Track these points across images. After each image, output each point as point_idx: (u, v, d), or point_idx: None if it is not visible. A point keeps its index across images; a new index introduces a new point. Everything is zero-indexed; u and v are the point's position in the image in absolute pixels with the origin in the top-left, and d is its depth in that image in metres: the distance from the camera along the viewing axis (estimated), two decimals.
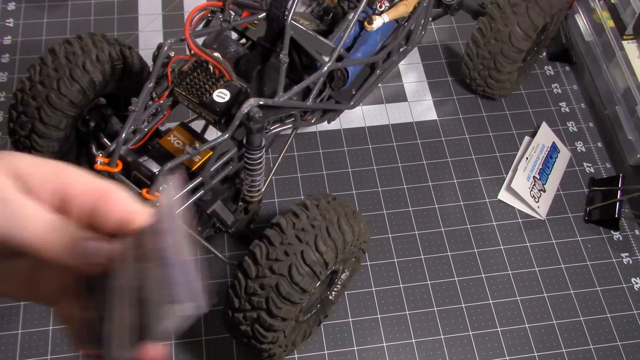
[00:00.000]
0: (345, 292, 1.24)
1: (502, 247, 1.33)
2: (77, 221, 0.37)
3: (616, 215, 1.35)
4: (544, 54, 1.63)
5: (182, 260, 0.37)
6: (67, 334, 0.40)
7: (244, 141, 1.00)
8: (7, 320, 1.17)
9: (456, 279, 1.28)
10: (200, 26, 1.10)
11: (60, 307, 0.40)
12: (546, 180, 1.41)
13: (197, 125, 1.22)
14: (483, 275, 1.29)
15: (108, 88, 1.16)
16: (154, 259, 0.37)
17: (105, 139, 1.14)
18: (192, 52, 0.99)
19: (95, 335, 0.38)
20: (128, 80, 1.19)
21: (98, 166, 0.97)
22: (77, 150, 1.21)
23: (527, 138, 1.48)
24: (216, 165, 1.01)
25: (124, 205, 0.38)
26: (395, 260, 1.29)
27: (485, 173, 1.43)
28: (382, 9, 1.20)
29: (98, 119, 1.16)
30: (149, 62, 1.15)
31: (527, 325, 1.24)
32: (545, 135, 1.47)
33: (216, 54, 1.00)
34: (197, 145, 1.01)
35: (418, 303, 1.25)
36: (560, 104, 1.56)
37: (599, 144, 1.50)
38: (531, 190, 1.38)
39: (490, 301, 1.26)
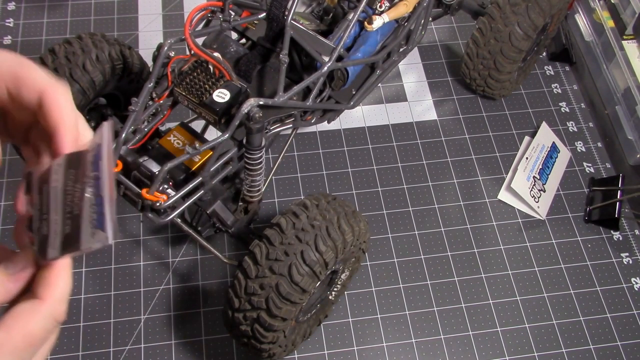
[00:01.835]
0: (345, 292, 1.24)
1: (502, 247, 1.33)
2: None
3: (616, 215, 1.35)
4: (544, 54, 1.63)
5: (112, 194, 0.45)
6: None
7: (244, 141, 1.00)
8: None
9: (456, 279, 1.28)
10: (200, 26, 1.10)
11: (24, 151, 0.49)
12: (546, 180, 1.41)
13: (197, 125, 1.22)
14: (483, 275, 1.29)
15: (108, 88, 1.16)
16: (90, 181, 0.44)
17: None
18: (192, 52, 0.99)
19: (33, 227, 0.45)
20: (128, 80, 1.19)
21: None
22: None
23: (527, 138, 1.48)
24: (216, 165, 1.01)
25: (33, 83, 0.45)
26: (395, 260, 1.29)
27: (485, 173, 1.43)
28: (382, 9, 1.20)
29: (98, 119, 1.16)
30: (149, 62, 1.15)
31: (527, 325, 1.24)
32: (545, 135, 1.47)
33: (216, 54, 1.00)
34: (197, 145, 1.01)
35: (418, 303, 1.25)
36: (560, 104, 1.56)
37: (599, 144, 1.50)
38: (531, 190, 1.38)
39: (490, 301, 1.26)
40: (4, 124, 0.48)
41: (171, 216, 0.99)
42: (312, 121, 1.19)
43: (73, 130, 0.47)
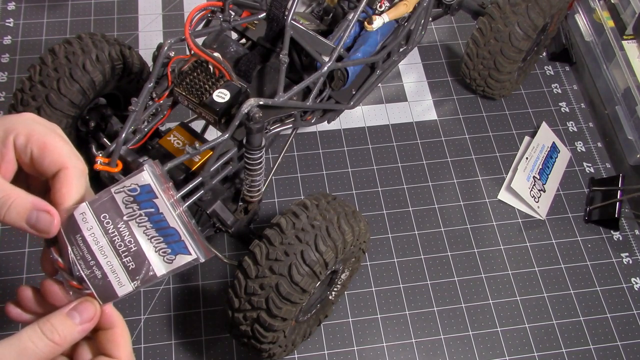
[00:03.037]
0: (345, 292, 1.24)
1: (502, 247, 1.33)
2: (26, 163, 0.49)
3: (616, 215, 1.35)
4: (544, 54, 1.63)
5: (187, 222, 0.49)
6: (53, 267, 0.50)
7: (244, 141, 1.00)
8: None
9: (456, 279, 1.28)
10: (200, 26, 1.10)
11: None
12: (546, 180, 1.41)
13: (197, 125, 1.22)
14: (483, 275, 1.29)
15: (108, 88, 1.16)
16: (143, 218, 0.48)
17: (105, 139, 1.14)
18: (192, 52, 0.99)
19: (78, 275, 0.48)
20: (128, 80, 1.19)
21: (98, 166, 0.97)
22: (77, 150, 1.21)
23: (527, 138, 1.48)
24: (216, 165, 1.01)
25: (57, 157, 0.49)
26: (395, 260, 1.29)
27: (485, 173, 1.43)
28: (382, 9, 1.20)
29: (98, 119, 1.16)
30: (149, 62, 1.15)
31: (527, 325, 1.24)
32: (545, 135, 1.47)
33: (216, 54, 1.00)
34: (197, 145, 1.01)
35: (418, 303, 1.25)
36: (560, 104, 1.56)
37: (599, 144, 1.50)
38: (531, 190, 1.38)
39: (490, 301, 1.26)
40: (26, 183, 0.51)
41: None
42: (312, 121, 1.19)
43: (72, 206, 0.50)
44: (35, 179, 0.51)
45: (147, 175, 0.48)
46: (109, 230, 0.48)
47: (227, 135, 0.96)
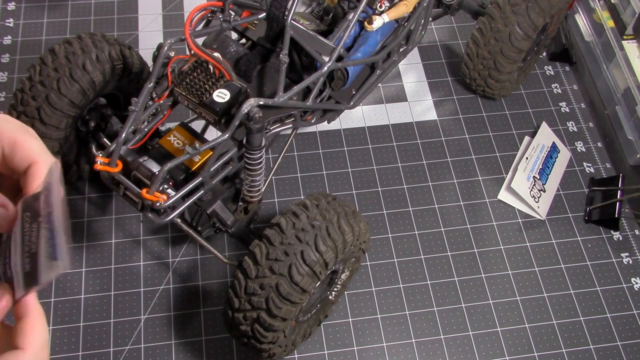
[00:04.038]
0: (345, 292, 1.24)
1: (502, 247, 1.33)
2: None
3: (616, 215, 1.35)
4: (544, 54, 1.63)
5: (64, 224, 0.47)
6: None
7: (244, 141, 1.00)
8: None
9: (456, 279, 1.28)
10: (200, 26, 1.10)
11: None
12: (546, 180, 1.41)
13: (197, 125, 1.22)
14: (483, 275, 1.29)
15: (108, 88, 1.16)
16: (45, 218, 0.47)
17: (105, 139, 1.14)
18: (192, 52, 0.99)
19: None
20: (128, 80, 1.19)
21: (98, 166, 0.97)
22: (77, 150, 1.21)
23: (527, 138, 1.48)
24: (216, 165, 1.01)
25: (27, 152, 0.49)
26: (395, 260, 1.29)
27: (485, 173, 1.43)
28: (382, 9, 1.20)
29: (98, 119, 1.16)
30: (149, 62, 1.15)
31: (527, 325, 1.24)
32: (545, 135, 1.47)
33: (216, 54, 1.00)
34: (197, 145, 1.01)
35: (418, 303, 1.25)
36: (560, 104, 1.56)
37: (599, 144, 1.50)
38: (531, 190, 1.38)
39: (490, 301, 1.26)
40: None
41: (171, 216, 0.99)
42: (312, 121, 1.19)
43: None
44: (6, 178, 0.51)
45: (50, 173, 0.48)
46: (25, 228, 0.47)
47: (227, 135, 0.96)
